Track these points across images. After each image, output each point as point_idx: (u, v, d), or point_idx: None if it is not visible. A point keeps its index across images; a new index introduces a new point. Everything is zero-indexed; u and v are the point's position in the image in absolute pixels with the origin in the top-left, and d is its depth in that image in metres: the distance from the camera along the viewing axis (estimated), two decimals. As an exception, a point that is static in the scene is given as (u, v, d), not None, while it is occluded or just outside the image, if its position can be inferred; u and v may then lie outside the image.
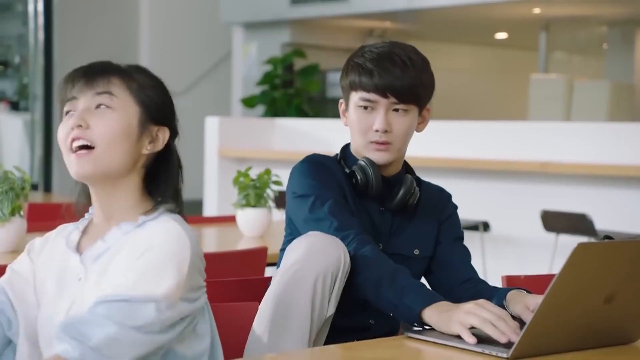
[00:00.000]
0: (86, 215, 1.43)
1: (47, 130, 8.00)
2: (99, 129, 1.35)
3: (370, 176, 1.77)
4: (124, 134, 1.36)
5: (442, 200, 1.91)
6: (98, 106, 1.36)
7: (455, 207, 1.92)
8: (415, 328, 1.50)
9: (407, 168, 1.88)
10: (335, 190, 1.76)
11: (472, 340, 1.36)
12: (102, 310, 1.24)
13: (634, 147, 5.24)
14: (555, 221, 5.06)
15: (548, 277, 1.89)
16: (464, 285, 1.79)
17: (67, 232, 1.42)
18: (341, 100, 1.87)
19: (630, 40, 8.09)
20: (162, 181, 1.40)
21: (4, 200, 2.38)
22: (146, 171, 1.40)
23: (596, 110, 6.67)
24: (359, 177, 1.78)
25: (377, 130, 1.77)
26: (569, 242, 5.15)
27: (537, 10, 7.43)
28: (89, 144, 1.34)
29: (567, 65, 9.04)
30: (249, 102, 7.90)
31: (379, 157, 1.78)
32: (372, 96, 1.76)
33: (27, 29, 8.09)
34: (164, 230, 1.33)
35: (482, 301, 1.46)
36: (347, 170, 1.81)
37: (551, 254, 5.24)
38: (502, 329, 1.36)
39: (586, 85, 6.97)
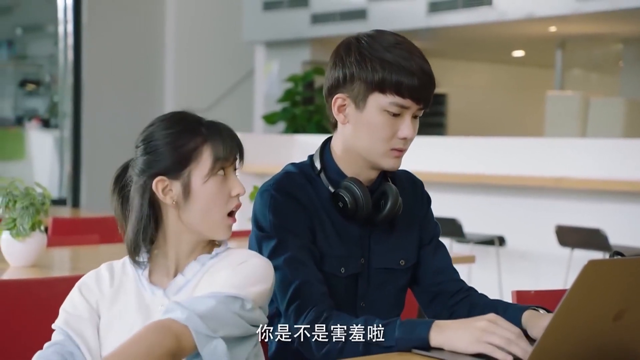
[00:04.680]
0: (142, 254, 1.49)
1: (75, 146, 8.13)
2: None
3: (360, 201, 1.60)
4: None
5: (416, 195, 1.75)
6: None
7: (429, 199, 1.78)
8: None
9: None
10: (300, 234, 1.58)
11: (509, 358, 1.35)
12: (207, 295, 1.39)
13: (647, 163, 5.28)
14: (569, 236, 5.08)
15: (558, 292, 1.89)
16: (456, 297, 1.71)
17: (130, 269, 1.50)
18: (340, 95, 1.61)
19: (646, 57, 8.15)
20: None
21: (25, 216, 2.41)
22: None
23: (611, 127, 6.70)
24: (347, 201, 1.60)
25: (404, 138, 1.59)
26: (584, 257, 5.19)
27: (553, 29, 7.47)
28: None
29: (583, 83, 9.09)
30: (270, 119, 8.03)
31: (395, 164, 1.62)
32: (407, 102, 1.56)
33: (57, 49, 8.23)
34: (249, 252, 1.49)
35: (493, 316, 1.42)
36: (332, 189, 1.63)
37: (566, 269, 5.25)
38: (524, 347, 1.36)
39: (601, 102, 7.00)
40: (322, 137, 1.71)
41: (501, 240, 5.64)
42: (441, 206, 5.74)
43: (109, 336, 1.46)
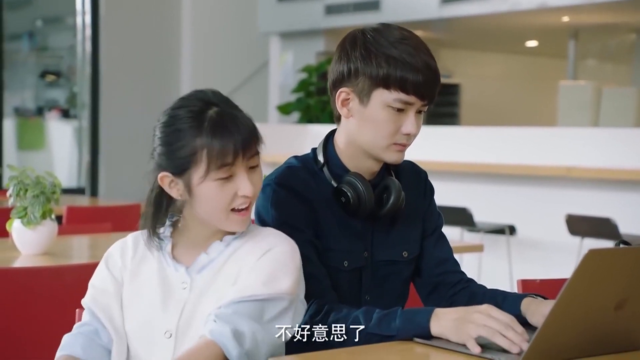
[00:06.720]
0: (162, 229, 1.49)
1: (94, 136, 8.23)
2: (257, 188, 1.46)
3: (363, 196, 1.59)
4: None
5: (420, 186, 1.74)
6: (253, 167, 1.44)
7: (433, 190, 1.77)
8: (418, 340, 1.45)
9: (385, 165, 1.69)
10: (303, 228, 1.57)
11: (477, 349, 1.35)
12: (240, 309, 1.36)
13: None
14: (580, 225, 5.09)
15: (563, 282, 1.88)
16: (455, 288, 1.71)
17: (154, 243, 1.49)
18: (344, 89, 1.60)
19: (660, 47, 8.11)
20: None
21: (35, 204, 2.42)
22: None
23: (624, 117, 6.70)
24: (350, 197, 1.60)
25: (407, 134, 1.58)
26: (594, 246, 5.20)
27: (566, 19, 7.46)
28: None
29: (596, 72, 9.05)
30: (284, 109, 8.09)
31: (398, 158, 1.61)
32: (411, 98, 1.55)
33: (76, 40, 8.34)
34: (274, 234, 1.47)
35: (486, 307, 1.41)
36: (334, 184, 1.63)
37: (576, 258, 5.24)
38: (511, 338, 1.35)
39: (614, 92, 7.01)
40: (334, 127, 1.73)
41: (512, 230, 5.66)
42: (452, 195, 5.80)
43: (130, 309, 1.46)
